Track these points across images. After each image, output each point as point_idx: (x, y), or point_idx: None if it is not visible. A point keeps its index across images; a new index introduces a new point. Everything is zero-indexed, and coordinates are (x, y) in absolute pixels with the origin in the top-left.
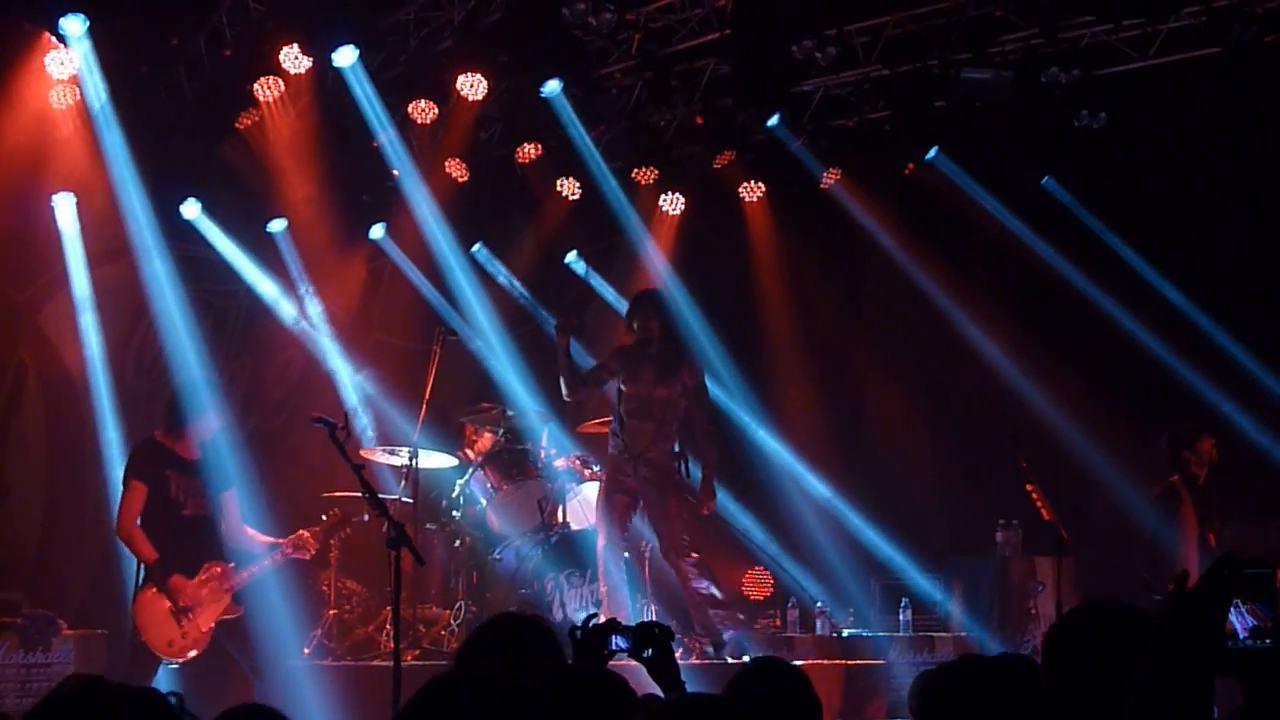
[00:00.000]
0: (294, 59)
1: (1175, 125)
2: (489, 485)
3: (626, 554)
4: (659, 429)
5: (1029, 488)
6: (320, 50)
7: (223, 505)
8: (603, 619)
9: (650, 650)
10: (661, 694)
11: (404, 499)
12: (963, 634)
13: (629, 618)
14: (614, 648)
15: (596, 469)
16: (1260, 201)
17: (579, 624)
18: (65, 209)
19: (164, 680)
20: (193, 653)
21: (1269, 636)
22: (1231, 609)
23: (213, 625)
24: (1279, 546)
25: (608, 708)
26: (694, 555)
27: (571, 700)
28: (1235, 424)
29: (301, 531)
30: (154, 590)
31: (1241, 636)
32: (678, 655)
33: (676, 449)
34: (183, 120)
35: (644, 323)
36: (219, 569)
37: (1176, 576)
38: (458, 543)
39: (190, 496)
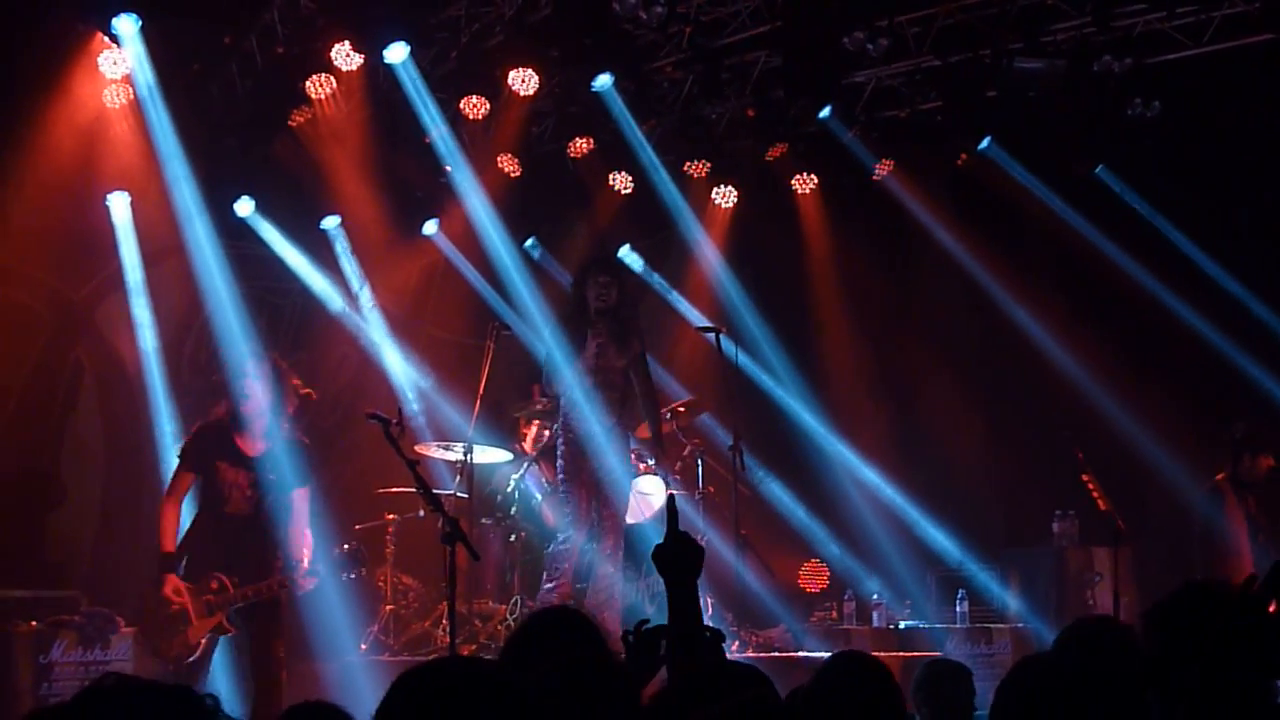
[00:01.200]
0: (345, 56)
1: (1228, 113)
2: (544, 480)
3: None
4: (621, 399)
5: (1085, 478)
6: (372, 47)
7: (291, 504)
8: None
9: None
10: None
11: (459, 494)
12: (1020, 625)
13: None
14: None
15: (652, 462)
16: None
17: (631, 629)
18: (119, 208)
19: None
20: (189, 658)
21: None
22: None
23: (204, 639)
24: None
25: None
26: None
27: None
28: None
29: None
30: (167, 585)
31: None
32: (733, 648)
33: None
34: (235, 118)
35: (604, 290)
36: (216, 584)
37: (1232, 570)
38: (513, 538)
39: (236, 492)
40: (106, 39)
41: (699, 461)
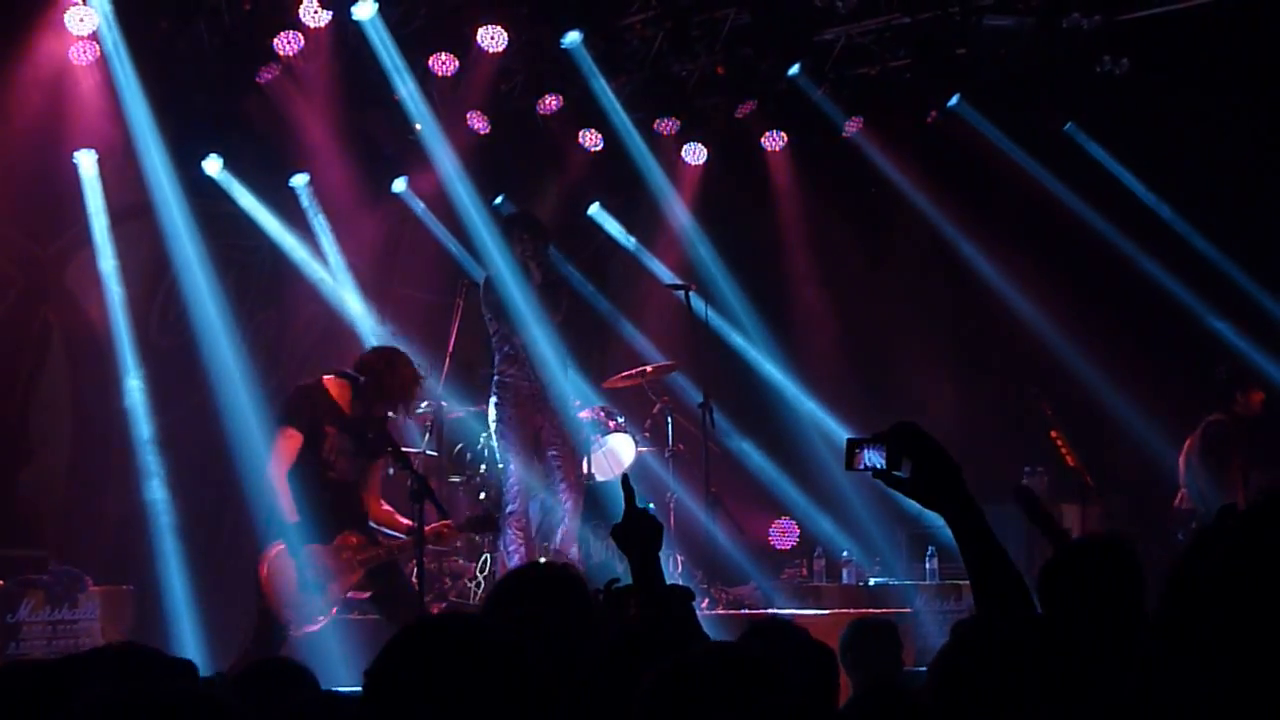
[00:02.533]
0: (314, 13)
1: (1198, 70)
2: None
3: (652, 505)
4: (555, 354)
5: (1053, 434)
6: (340, 4)
7: (368, 474)
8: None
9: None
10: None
11: (428, 452)
12: None
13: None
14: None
15: (621, 420)
16: None
17: (602, 588)
18: (87, 165)
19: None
20: (317, 625)
21: None
22: None
23: (342, 598)
24: None
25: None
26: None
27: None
28: (1262, 370)
29: (447, 523)
30: (284, 552)
31: None
32: (703, 605)
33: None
34: (203, 76)
35: (538, 249)
36: (355, 540)
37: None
38: (483, 495)
39: (341, 458)
40: None
41: (668, 419)
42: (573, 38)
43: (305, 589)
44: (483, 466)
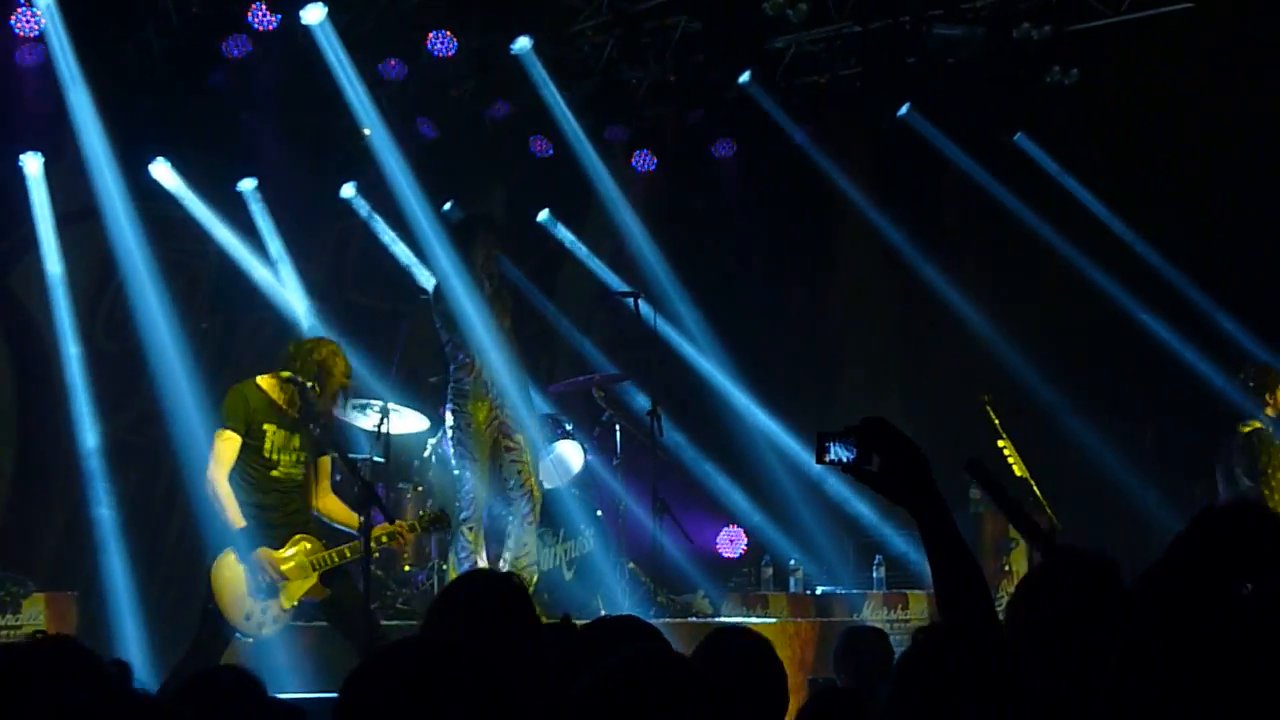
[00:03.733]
0: (262, 16)
1: (1146, 81)
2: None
3: (600, 512)
4: (508, 365)
5: (1001, 444)
6: (288, 8)
7: (317, 469)
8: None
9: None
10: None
11: (375, 459)
12: None
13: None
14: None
15: (569, 428)
16: (1229, 156)
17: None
18: (33, 168)
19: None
20: (270, 630)
21: None
22: None
23: (295, 604)
24: None
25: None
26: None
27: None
28: (1210, 382)
29: (401, 524)
30: (235, 558)
31: None
32: (649, 614)
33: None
34: (151, 79)
35: (489, 253)
36: (308, 545)
37: None
38: (430, 503)
39: (284, 456)
40: None
41: (616, 427)
42: (523, 44)
43: (257, 596)
44: (430, 474)
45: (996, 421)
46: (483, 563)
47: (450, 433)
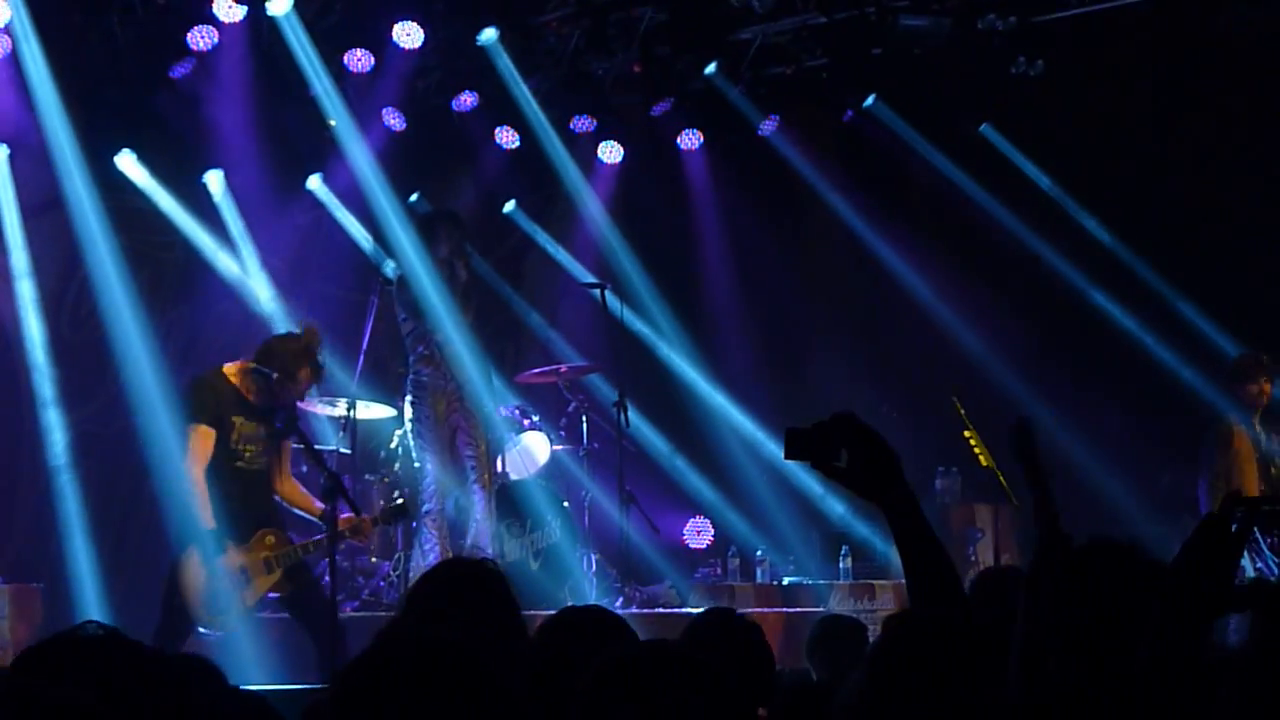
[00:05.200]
0: (228, 8)
1: (1110, 72)
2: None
3: (567, 503)
4: (472, 354)
5: (967, 434)
6: None
7: (279, 458)
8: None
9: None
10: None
11: (341, 450)
12: (902, 581)
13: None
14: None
15: (536, 419)
16: (1194, 147)
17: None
18: None
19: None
20: (233, 627)
21: None
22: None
23: (259, 599)
24: None
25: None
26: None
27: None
28: (1177, 372)
29: (365, 516)
30: (200, 558)
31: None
32: (618, 604)
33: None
34: (116, 70)
35: (454, 246)
36: (271, 539)
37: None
38: (397, 494)
39: (249, 445)
40: None
41: (583, 418)
42: (489, 35)
43: (221, 594)
44: (396, 465)
45: (963, 412)
46: (449, 554)
47: (410, 425)
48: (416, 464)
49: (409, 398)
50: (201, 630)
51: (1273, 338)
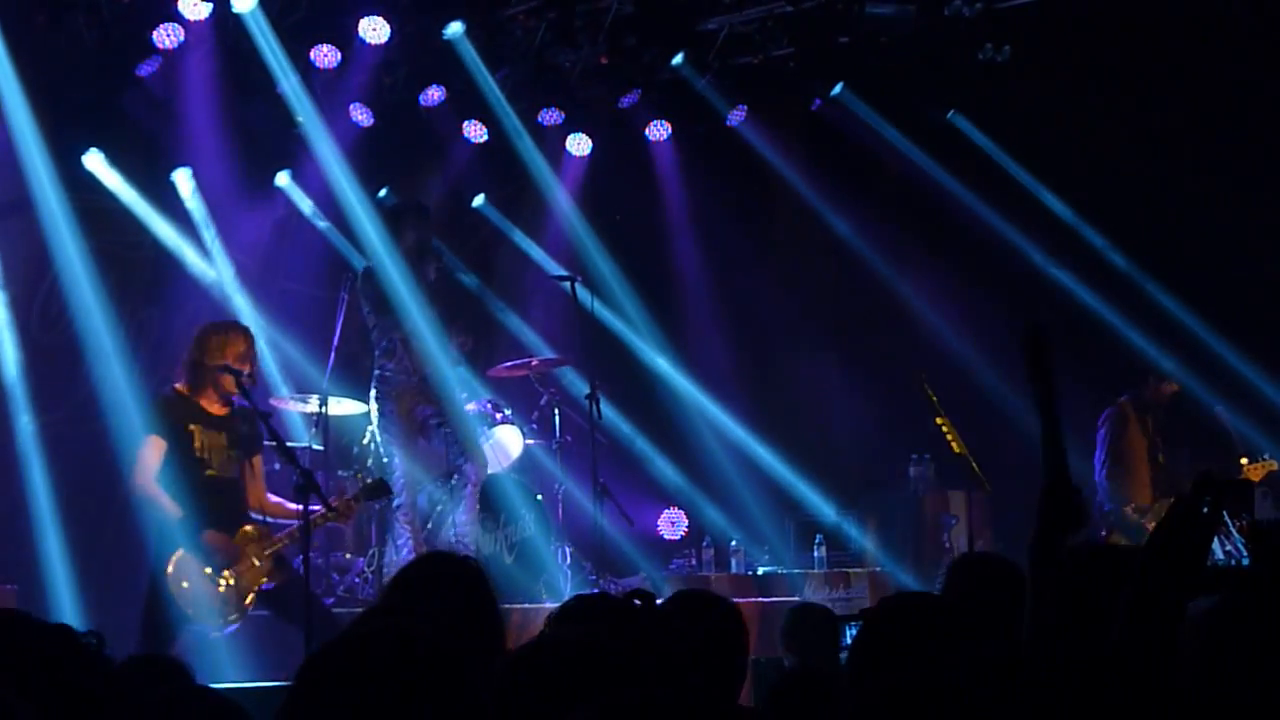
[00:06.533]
0: (193, 5)
1: (1077, 57)
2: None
3: (540, 496)
4: (441, 348)
5: (939, 421)
6: None
7: (250, 471)
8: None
9: None
10: None
11: (314, 446)
12: (877, 569)
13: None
14: None
15: (508, 412)
16: (1161, 131)
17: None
18: None
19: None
20: (234, 623)
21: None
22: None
23: (255, 593)
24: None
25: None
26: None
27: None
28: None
29: (346, 497)
30: (182, 552)
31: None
32: None
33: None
34: (82, 69)
35: (424, 235)
36: (253, 530)
37: (1133, 489)
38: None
39: (215, 455)
40: None
41: (555, 411)
42: (455, 29)
43: (215, 577)
44: (370, 460)
45: (934, 399)
46: (422, 547)
47: (376, 420)
48: (385, 459)
49: (374, 393)
50: (207, 629)
51: (1241, 316)
